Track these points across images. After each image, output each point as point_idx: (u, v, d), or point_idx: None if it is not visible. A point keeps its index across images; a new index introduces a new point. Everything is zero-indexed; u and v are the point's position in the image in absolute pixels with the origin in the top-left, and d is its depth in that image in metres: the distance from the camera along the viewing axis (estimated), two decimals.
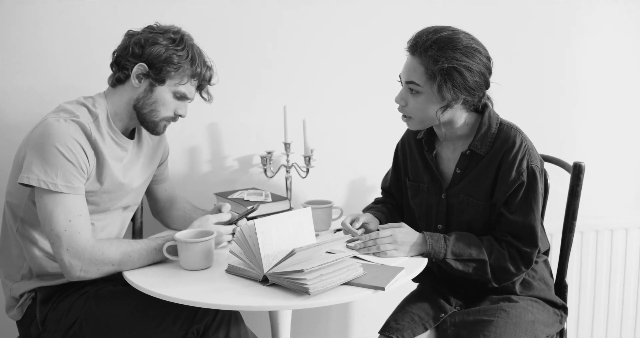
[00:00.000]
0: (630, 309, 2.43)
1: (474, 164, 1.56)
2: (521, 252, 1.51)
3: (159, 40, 1.50)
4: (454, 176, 1.60)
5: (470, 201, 1.56)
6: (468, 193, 1.56)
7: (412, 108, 1.51)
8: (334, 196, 2.16)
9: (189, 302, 1.26)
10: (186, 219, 1.76)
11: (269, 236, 1.34)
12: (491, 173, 1.52)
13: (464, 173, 1.58)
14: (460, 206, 1.58)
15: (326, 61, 2.15)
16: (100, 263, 1.41)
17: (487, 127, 1.54)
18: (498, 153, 1.52)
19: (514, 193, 1.50)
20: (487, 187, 1.53)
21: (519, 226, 1.50)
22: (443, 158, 1.64)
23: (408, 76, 1.49)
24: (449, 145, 1.62)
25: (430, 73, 1.44)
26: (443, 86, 1.44)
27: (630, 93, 2.44)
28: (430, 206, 1.65)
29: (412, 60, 1.48)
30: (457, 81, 1.44)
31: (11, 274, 1.56)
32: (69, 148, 1.40)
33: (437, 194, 1.63)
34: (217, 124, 2.08)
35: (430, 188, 1.65)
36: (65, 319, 1.48)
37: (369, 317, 2.38)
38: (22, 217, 1.51)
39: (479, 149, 1.54)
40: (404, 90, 1.52)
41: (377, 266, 1.43)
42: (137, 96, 1.53)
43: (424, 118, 1.52)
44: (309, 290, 1.23)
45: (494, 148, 1.53)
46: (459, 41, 1.44)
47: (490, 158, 1.53)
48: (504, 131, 1.53)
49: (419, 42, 1.46)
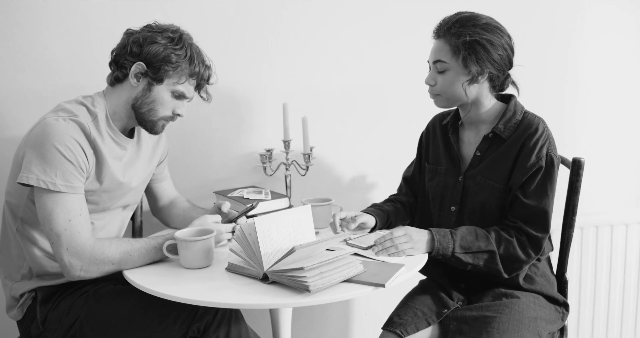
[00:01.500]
0: (630, 305, 2.43)
1: (494, 148, 1.60)
2: (531, 237, 1.53)
3: (157, 39, 1.50)
4: (473, 159, 1.64)
5: (487, 183, 1.59)
6: (485, 176, 1.59)
7: (441, 85, 1.58)
8: (334, 194, 2.16)
9: (189, 300, 1.26)
10: (186, 217, 1.76)
11: (269, 234, 1.34)
12: (511, 157, 1.56)
13: (483, 155, 1.62)
14: (475, 189, 1.61)
15: (326, 59, 2.15)
16: (100, 262, 1.41)
17: (512, 113, 1.59)
18: (520, 138, 1.56)
19: (531, 178, 1.53)
20: (504, 170, 1.57)
21: (532, 211, 1.53)
22: (465, 141, 1.69)
23: (435, 56, 1.57)
24: (472, 129, 1.67)
25: (455, 48, 1.52)
26: (468, 59, 1.52)
27: (631, 90, 2.44)
28: (446, 188, 1.68)
29: (437, 43, 1.58)
30: (480, 54, 1.51)
31: (11, 274, 1.56)
32: (68, 148, 1.40)
33: (454, 177, 1.67)
34: (216, 122, 2.08)
35: (449, 170, 1.69)
36: (66, 319, 1.48)
37: (369, 314, 2.38)
38: (21, 217, 1.51)
39: (502, 132, 1.58)
40: (432, 71, 1.60)
41: (377, 263, 1.43)
42: (136, 95, 1.53)
43: (451, 94, 1.58)
44: (309, 287, 1.23)
45: (517, 132, 1.57)
46: (479, 18, 1.54)
47: (512, 143, 1.56)
48: (527, 118, 1.59)
49: (442, 26, 1.56)
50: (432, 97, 1.63)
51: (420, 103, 2.06)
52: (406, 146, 2.14)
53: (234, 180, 2.13)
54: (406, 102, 2.23)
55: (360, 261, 1.37)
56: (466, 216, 1.63)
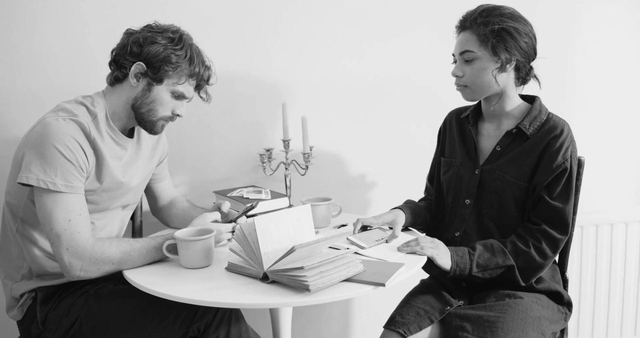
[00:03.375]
0: (630, 303, 2.43)
1: (516, 144, 1.60)
2: (552, 240, 1.54)
3: (157, 39, 1.50)
4: (492, 153, 1.64)
5: (506, 179, 1.59)
6: (504, 171, 1.59)
7: (469, 76, 1.58)
8: (333, 194, 2.16)
9: (189, 300, 1.26)
10: (185, 217, 1.76)
11: (269, 234, 1.34)
12: (533, 156, 1.56)
13: (503, 151, 1.62)
14: (493, 183, 1.61)
15: (326, 57, 2.15)
16: (100, 262, 1.41)
17: (538, 112, 1.61)
18: (545, 137, 1.56)
19: (557, 179, 1.54)
20: (526, 168, 1.57)
21: (556, 212, 1.54)
22: (484, 134, 1.69)
23: (461, 47, 1.58)
24: (493, 123, 1.68)
25: (483, 37, 1.54)
26: (497, 46, 1.53)
27: (631, 89, 2.44)
28: (461, 180, 1.69)
29: (463, 34, 1.58)
30: (509, 41, 1.53)
31: (11, 274, 1.56)
32: (68, 147, 1.40)
33: (470, 169, 1.67)
34: (216, 121, 2.08)
35: (465, 163, 1.69)
36: (66, 319, 1.48)
37: (369, 313, 2.39)
38: (21, 217, 1.51)
39: (527, 128, 1.58)
40: (459, 62, 1.60)
41: (377, 262, 1.43)
42: (135, 95, 1.53)
43: (480, 84, 1.58)
44: (309, 286, 1.23)
45: (541, 131, 1.57)
46: (504, 8, 1.57)
47: (536, 141, 1.57)
48: (553, 119, 1.60)
49: (466, 18, 1.58)
50: (459, 90, 1.64)
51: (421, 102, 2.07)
52: (406, 145, 2.14)
53: (234, 180, 2.13)
54: (406, 102, 2.23)
55: (360, 260, 1.37)
56: (482, 211, 1.64)
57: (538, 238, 1.55)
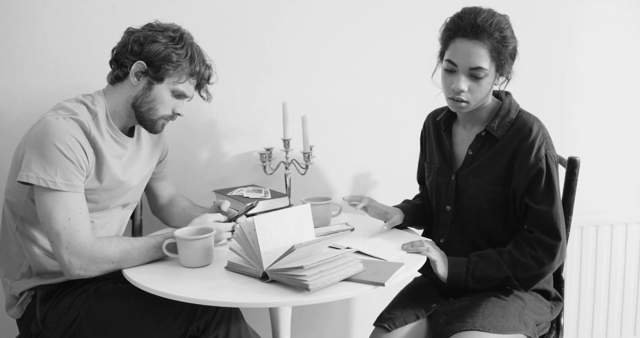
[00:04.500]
0: (630, 304, 2.43)
1: (487, 147, 1.56)
2: (545, 246, 1.49)
3: (158, 38, 1.50)
4: (465, 158, 1.60)
5: (480, 184, 1.55)
6: (477, 176, 1.56)
7: (475, 93, 1.50)
8: (333, 193, 2.16)
9: (188, 299, 1.26)
10: (186, 216, 1.76)
11: (269, 233, 1.34)
12: (504, 158, 1.52)
13: (475, 155, 1.58)
14: (468, 190, 1.58)
15: (326, 57, 2.15)
16: (100, 261, 1.41)
17: (507, 111, 1.55)
18: (513, 139, 1.51)
19: (535, 182, 1.49)
20: (498, 172, 1.53)
21: (545, 217, 1.49)
22: (457, 138, 1.65)
23: (473, 62, 1.46)
24: (467, 127, 1.63)
25: (494, 54, 1.46)
26: (506, 64, 1.49)
27: (631, 89, 2.44)
28: (440, 187, 1.66)
29: (473, 45, 1.45)
30: (514, 57, 1.52)
31: (11, 272, 1.56)
32: (68, 146, 1.40)
33: (447, 176, 1.64)
34: (216, 121, 2.08)
35: (442, 169, 1.66)
36: (65, 317, 1.48)
37: (369, 312, 2.38)
38: (21, 215, 1.51)
39: (494, 131, 1.54)
40: (463, 76, 1.48)
41: (377, 262, 1.43)
42: (136, 94, 1.53)
43: (481, 100, 1.53)
44: (309, 286, 1.23)
45: (510, 132, 1.53)
46: (505, 18, 1.50)
47: (505, 143, 1.53)
48: (522, 117, 1.54)
49: (475, 25, 1.44)
50: (454, 104, 1.53)
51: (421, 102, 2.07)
52: (406, 145, 2.14)
53: (234, 179, 2.13)
54: (406, 101, 2.23)
55: (360, 260, 1.37)
56: (462, 217, 1.62)
57: (533, 246, 1.50)
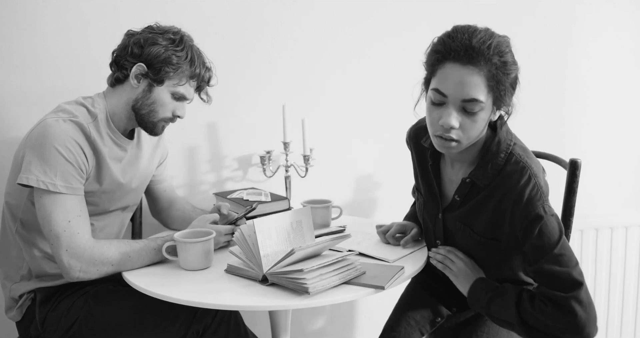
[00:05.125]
0: (630, 308, 2.43)
1: (473, 194, 1.36)
2: (554, 302, 1.23)
3: (158, 40, 1.50)
4: (452, 202, 1.42)
5: (468, 231, 1.39)
6: (466, 223, 1.39)
7: (470, 131, 1.26)
8: (333, 196, 2.16)
9: (188, 302, 1.26)
10: (185, 219, 1.76)
11: (268, 236, 1.34)
12: (489, 208, 1.33)
13: (463, 201, 1.39)
14: (458, 233, 1.42)
15: (325, 60, 2.15)
16: (100, 263, 1.41)
17: (494, 154, 1.32)
18: (499, 188, 1.30)
19: (526, 239, 1.26)
20: (485, 221, 1.35)
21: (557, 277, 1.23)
22: (445, 179, 1.45)
23: (467, 93, 1.21)
24: (454, 166, 1.43)
25: (492, 84, 1.21)
26: (505, 96, 1.24)
27: (631, 91, 2.44)
28: (427, 220, 1.52)
29: (467, 72, 1.20)
30: (515, 87, 1.27)
31: (10, 275, 1.56)
32: (68, 149, 1.40)
33: (434, 212, 1.48)
34: (216, 123, 2.08)
35: (428, 204, 1.50)
36: (65, 320, 1.48)
37: (369, 315, 2.38)
38: (21, 218, 1.51)
39: (479, 180, 1.33)
40: (453, 110, 1.24)
41: (376, 265, 1.43)
42: (136, 96, 1.53)
43: (475, 139, 1.30)
44: (309, 289, 1.23)
45: (497, 181, 1.31)
46: (506, 43, 1.25)
47: (489, 194, 1.33)
48: (511, 162, 1.30)
49: (474, 48, 1.19)
50: (443, 143, 1.28)
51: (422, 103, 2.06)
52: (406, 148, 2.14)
53: (234, 182, 2.13)
54: (406, 103, 2.23)
55: (359, 263, 1.37)
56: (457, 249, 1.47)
57: (542, 300, 1.24)
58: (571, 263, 1.24)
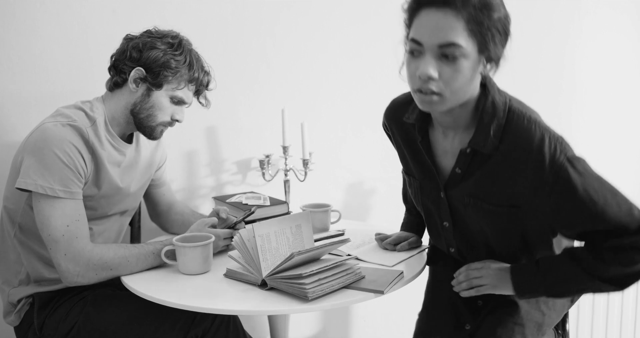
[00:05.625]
0: (629, 312, 2.43)
1: (478, 164, 1.23)
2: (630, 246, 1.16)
3: (157, 44, 1.50)
4: (452, 175, 1.27)
5: (480, 204, 1.24)
6: (476, 196, 1.24)
7: (452, 83, 1.13)
8: (333, 200, 2.16)
9: (187, 306, 1.26)
10: (184, 223, 1.76)
11: (268, 240, 1.34)
12: (502, 176, 1.19)
13: (465, 173, 1.25)
14: (467, 209, 1.27)
15: (325, 65, 2.15)
16: (98, 268, 1.40)
17: (491, 116, 1.19)
18: (511, 152, 1.17)
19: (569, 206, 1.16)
20: (499, 190, 1.21)
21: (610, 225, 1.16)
22: (438, 150, 1.30)
23: (443, 37, 1.09)
24: (447, 134, 1.29)
25: (473, 27, 1.09)
26: (491, 42, 1.11)
27: (629, 92, 2.44)
28: (428, 203, 1.37)
29: (443, 15, 1.09)
30: (505, 33, 1.14)
31: (9, 279, 1.55)
32: (67, 153, 1.40)
33: (434, 192, 1.33)
34: (215, 127, 2.08)
35: (425, 185, 1.35)
36: (63, 325, 1.48)
37: (368, 320, 2.38)
38: (19, 222, 1.50)
39: (481, 146, 1.20)
40: (430, 57, 1.11)
41: (375, 269, 1.42)
42: (135, 100, 1.53)
43: (462, 93, 1.16)
44: (308, 294, 1.23)
45: (504, 144, 1.18)
46: None
47: (501, 159, 1.19)
48: (514, 122, 1.18)
49: None
50: (423, 98, 1.15)
51: None
52: None
53: (233, 186, 2.13)
54: None
55: (358, 267, 1.37)
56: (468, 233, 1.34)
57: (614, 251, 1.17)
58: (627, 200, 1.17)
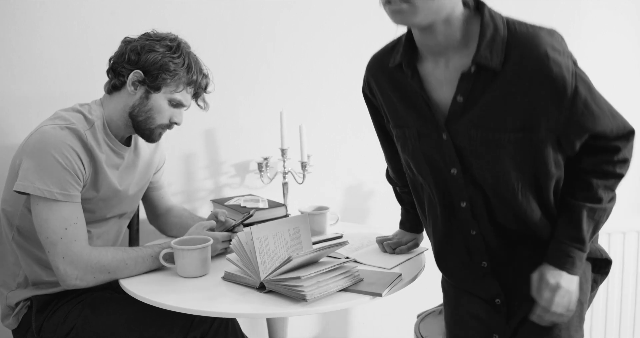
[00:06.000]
0: (628, 313, 2.43)
1: (481, 87, 1.11)
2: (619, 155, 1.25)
3: (155, 47, 1.50)
4: (453, 106, 1.15)
5: (491, 135, 1.12)
6: (484, 125, 1.12)
7: None
8: (331, 202, 2.16)
9: (185, 309, 1.26)
10: (183, 226, 1.76)
11: (266, 243, 1.34)
12: (519, 92, 1.08)
13: (467, 100, 1.13)
14: (475, 144, 1.14)
15: (323, 67, 2.16)
16: (97, 270, 1.40)
17: (494, 29, 1.09)
18: (520, 63, 1.08)
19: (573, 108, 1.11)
20: (512, 112, 1.10)
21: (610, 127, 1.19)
22: (431, 82, 1.18)
23: None
24: (439, 62, 1.17)
25: None
26: None
27: (630, 93, 2.44)
28: (431, 152, 1.21)
29: None
30: None
31: (7, 282, 1.55)
32: (65, 156, 1.40)
33: (434, 135, 1.19)
34: (213, 130, 2.08)
35: (422, 130, 1.21)
36: (61, 328, 1.47)
37: (366, 322, 2.37)
38: (17, 225, 1.50)
39: (489, 60, 1.08)
40: None
41: (374, 272, 1.42)
42: (133, 103, 1.53)
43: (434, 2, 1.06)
44: (306, 296, 1.23)
45: (512, 57, 1.08)
46: None
47: (510, 73, 1.09)
48: (517, 32, 1.09)
49: None
50: (392, 8, 1.09)
51: None
52: None
53: (231, 188, 2.13)
54: None
55: (357, 270, 1.37)
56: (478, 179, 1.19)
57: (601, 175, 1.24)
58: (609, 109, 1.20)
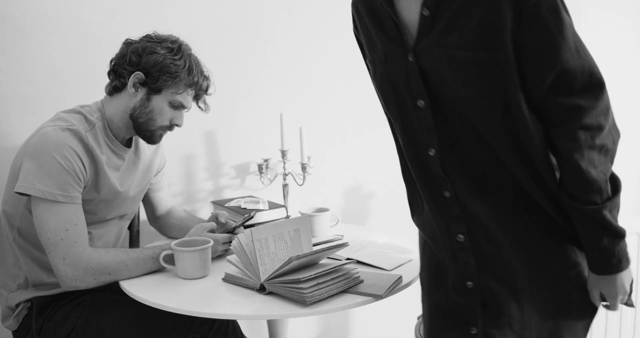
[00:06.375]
0: (628, 316, 2.43)
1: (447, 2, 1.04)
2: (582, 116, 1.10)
3: (156, 49, 1.51)
4: (421, 24, 1.08)
5: (452, 54, 1.04)
6: (446, 43, 1.05)
7: None
8: (331, 204, 2.16)
9: (185, 311, 1.26)
10: (183, 227, 1.76)
11: (266, 245, 1.34)
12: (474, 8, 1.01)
13: (434, 14, 1.06)
14: (439, 66, 1.06)
15: (323, 69, 2.16)
16: (97, 272, 1.40)
17: None
18: None
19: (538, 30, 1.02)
20: (473, 27, 1.02)
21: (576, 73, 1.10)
22: (402, 3, 1.11)
23: None
24: None
25: None
26: None
27: (629, 93, 2.44)
28: (397, 77, 1.13)
29: None
30: None
31: (7, 283, 1.55)
32: (66, 157, 1.40)
33: (401, 58, 1.11)
34: (213, 131, 2.08)
35: (389, 53, 1.14)
36: (62, 329, 1.47)
37: (367, 324, 2.38)
38: (18, 226, 1.50)
39: None
40: None
41: (374, 273, 1.42)
42: (134, 104, 1.53)
43: None
44: (306, 298, 1.23)
45: None
46: None
47: None
48: None
49: None
50: None
51: None
52: None
53: (231, 190, 2.13)
54: None
55: (357, 271, 1.37)
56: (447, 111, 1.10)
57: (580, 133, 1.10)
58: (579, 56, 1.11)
